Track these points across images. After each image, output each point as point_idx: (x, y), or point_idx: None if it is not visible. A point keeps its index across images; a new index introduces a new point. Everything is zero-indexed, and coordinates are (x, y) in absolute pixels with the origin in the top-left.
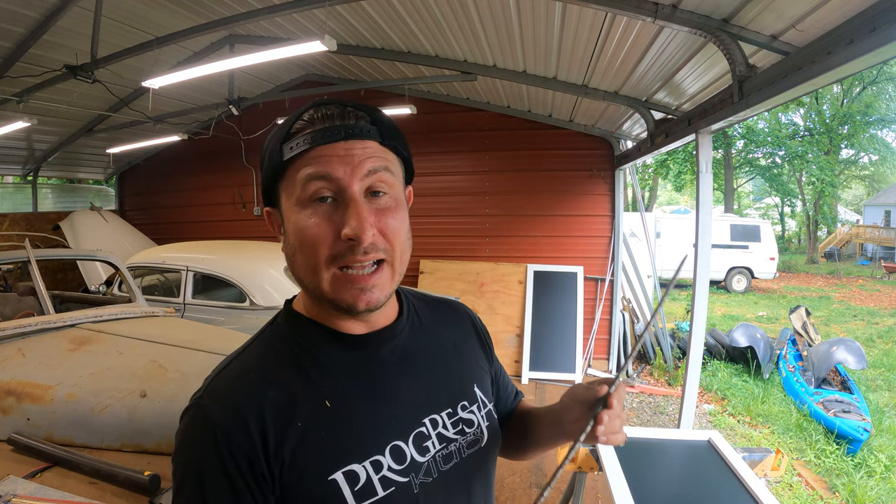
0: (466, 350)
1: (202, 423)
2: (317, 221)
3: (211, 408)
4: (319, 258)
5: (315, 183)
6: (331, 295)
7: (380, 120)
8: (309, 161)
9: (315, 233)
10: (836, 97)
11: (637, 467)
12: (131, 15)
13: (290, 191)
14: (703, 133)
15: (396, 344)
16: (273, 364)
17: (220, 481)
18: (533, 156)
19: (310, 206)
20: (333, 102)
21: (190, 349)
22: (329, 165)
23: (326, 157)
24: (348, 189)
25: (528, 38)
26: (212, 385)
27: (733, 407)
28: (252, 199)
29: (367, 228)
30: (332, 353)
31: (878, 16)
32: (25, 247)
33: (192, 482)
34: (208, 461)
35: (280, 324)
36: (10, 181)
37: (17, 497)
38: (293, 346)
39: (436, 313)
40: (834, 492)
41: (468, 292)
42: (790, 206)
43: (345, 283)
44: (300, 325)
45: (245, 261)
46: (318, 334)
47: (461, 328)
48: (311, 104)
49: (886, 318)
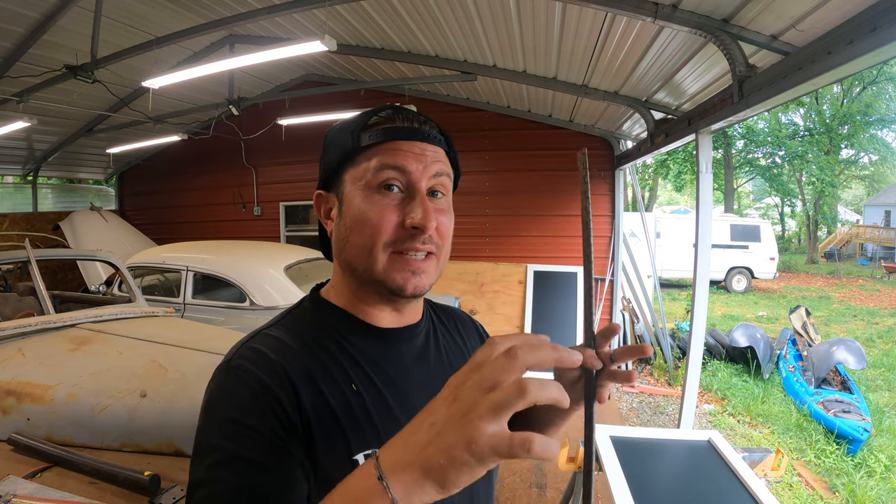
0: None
1: (239, 376)
2: (382, 207)
3: (246, 365)
4: (378, 241)
5: (388, 172)
6: (382, 275)
7: (446, 133)
8: (385, 151)
9: (379, 217)
10: (836, 97)
11: (637, 467)
12: (131, 15)
13: (358, 174)
14: (703, 133)
15: (414, 343)
16: (303, 339)
17: (260, 428)
18: (533, 156)
19: (377, 192)
20: (408, 109)
21: (190, 349)
22: (405, 159)
23: (403, 151)
24: (418, 183)
25: (528, 38)
26: (241, 350)
27: (733, 407)
28: (252, 199)
29: (432, 220)
30: (356, 342)
31: (878, 16)
32: (25, 247)
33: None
34: (249, 409)
35: (306, 308)
36: (10, 181)
37: (17, 497)
38: (320, 329)
39: (448, 320)
40: (834, 492)
41: (468, 292)
42: (790, 206)
43: (399, 265)
44: (328, 311)
45: (245, 261)
46: (345, 322)
47: (469, 338)
48: (387, 106)
49: (886, 318)
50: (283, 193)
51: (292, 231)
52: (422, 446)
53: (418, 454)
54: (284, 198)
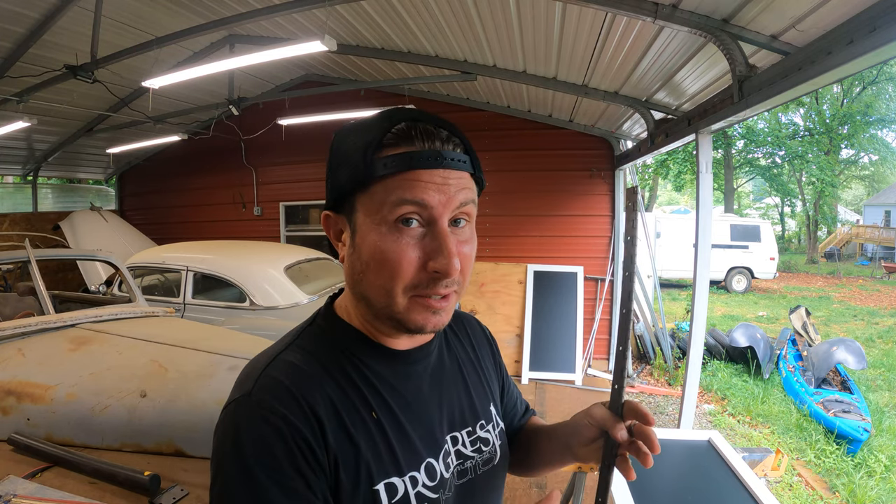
0: (484, 368)
1: (265, 418)
2: (402, 248)
3: (269, 402)
4: (398, 284)
5: (406, 207)
6: (402, 316)
7: (471, 149)
8: (403, 183)
9: (398, 258)
10: (836, 97)
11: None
12: (131, 15)
13: (373, 207)
14: (703, 133)
15: (428, 362)
16: (321, 364)
17: (289, 471)
18: (533, 156)
19: (395, 230)
20: (427, 119)
21: (190, 349)
22: (425, 193)
23: (423, 183)
24: (440, 219)
25: (528, 38)
26: (261, 381)
27: (733, 407)
28: (252, 199)
29: (455, 264)
30: (372, 365)
31: (878, 16)
32: (25, 247)
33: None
34: (274, 451)
35: (321, 326)
36: (10, 181)
37: (17, 497)
38: (338, 351)
39: (458, 329)
40: (834, 492)
41: (468, 292)
42: (790, 206)
43: (419, 307)
44: (343, 331)
45: (245, 261)
46: (359, 344)
47: (479, 346)
48: (402, 115)
49: (886, 318)
50: (283, 193)
51: (292, 231)
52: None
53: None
54: (284, 198)
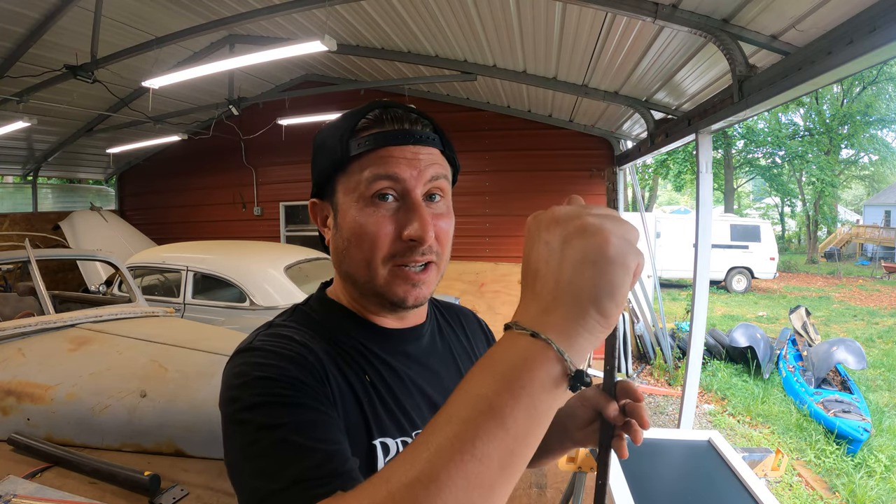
0: (478, 356)
1: (267, 350)
2: (378, 219)
3: (272, 343)
4: (376, 254)
5: (381, 182)
6: (383, 288)
7: (440, 129)
8: (376, 160)
9: (376, 230)
10: (836, 97)
11: (637, 467)
12: (131, 15)
13: (350, 186)
14: (703, 133)
15: (420, 343)
16: (314, 333)
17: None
18: (533, 156)
19: (371, 204)
20: (397, 106)
21: (190, 349)
22: (397, 166)
23: (395, 158)
24: (413, 192)
25: (528, 38)
26: (261, 336)
27: (733, 407)
28: (252, 199)
29: (430, 231)
30: (364, 342)
31: (878, 16)
32: (25, 247)
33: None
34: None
35: (314, 307)
36: (10, 181)
37: (17, 497)
38: (329, 326)
39: (452, 319)
40: (834, 492)
41: (468, 292)
42: (790, 206)
43: (399, 279)
44: (336, 310)
45: (245, 261)
46: (352, 323)
47: (474, 335)
48: (376, 104)
49: (886, 318)
50: (283, 193)
51: (292, 231)
52: (555, 279)
53: (558, 288)
54: (284, 198)
